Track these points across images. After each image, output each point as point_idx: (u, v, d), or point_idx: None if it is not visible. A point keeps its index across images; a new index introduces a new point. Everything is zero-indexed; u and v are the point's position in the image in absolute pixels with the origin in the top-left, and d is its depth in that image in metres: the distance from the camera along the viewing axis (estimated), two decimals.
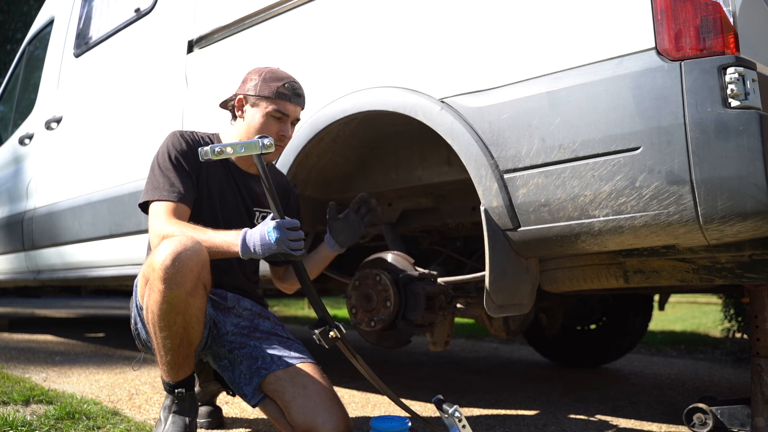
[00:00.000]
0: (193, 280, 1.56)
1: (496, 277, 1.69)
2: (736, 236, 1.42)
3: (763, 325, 1.78)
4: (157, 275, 1.54)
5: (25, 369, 2.96)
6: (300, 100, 1.84)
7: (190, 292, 1.57)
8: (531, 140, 1.58)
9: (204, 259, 1.59)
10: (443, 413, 1.63)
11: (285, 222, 1.57)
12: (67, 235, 3.32)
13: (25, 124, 4.04)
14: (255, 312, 1.90)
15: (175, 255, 1.53)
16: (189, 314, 1.59)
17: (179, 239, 1.57)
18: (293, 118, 1.84)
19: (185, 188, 1.75)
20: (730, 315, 4.54)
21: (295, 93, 1.82)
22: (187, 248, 1.55)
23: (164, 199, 1.73)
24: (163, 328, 1.58)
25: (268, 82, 1.80)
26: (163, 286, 1.54)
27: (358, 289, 2.00)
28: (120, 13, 3.16)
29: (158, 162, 1.78)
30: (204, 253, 1.59)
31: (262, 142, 1.59)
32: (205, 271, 1.61)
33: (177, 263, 1.53)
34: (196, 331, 1.64)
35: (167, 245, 1.56)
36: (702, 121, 1.36)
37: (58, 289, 7.99)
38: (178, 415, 1.67)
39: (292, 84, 1.82)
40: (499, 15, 1.69)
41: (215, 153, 1.56)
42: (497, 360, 3.98)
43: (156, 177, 1.76)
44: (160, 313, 1.57)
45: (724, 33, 1.41)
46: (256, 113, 1.81)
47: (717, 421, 1.82)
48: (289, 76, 1.84)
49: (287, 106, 1.81)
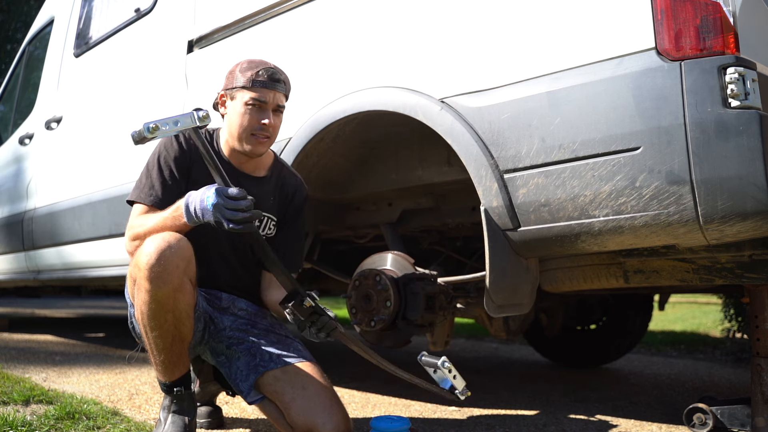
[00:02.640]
0: (179, 276, 1.57)
1: (496, 277, 1.69)
2: (736, 236, 1.42)
3: (763, 325, 1.78)
4: (143, 275, 1.55)
5: (25, 369, 2.96)
6: (279, 85, 1.75)
7: (177, 288, 1.58)
8: (531, 140, 1.58)
9: (188, 254, 1.60)
10: (430, 368, 1.61)
11: (225, 189, 1.51)
12: (67, 235, 3.32)
13: (25, 124, 4.04)
14: (251, 312, 1.90)
15: (159, 253, 1.54)
16: (178, 310, 1.60)
17: (162, 236, 1.58)
18: (274, 104, 1.75)
19: (164, 193, 1.74)
20: (730, 315, 4.54)
21: (272, 78, 1.73)
22: (170, 245, 1.56)
23: (141, 201, 1.75)
24: (154, 327, 1.59)
25: (244, 71, 1.74)
26: (150, 285, 1.55)
27: (358, 289, 2.00)
28: (120, 13, 3.16)
29: (148, 163, 1.79)
30: (188, 248, 1.60)
31: (197, 114, 1.54)
32: (190, 266, 1.62)
33: (162, 261, 1.54)
34: (186, 326, 1.64)
35: (150, 244, 1.56)
36: (702, 121, 1.36)
37: (58, 289, 7.99)
38: (178, 415, 1.67)
39: (267, 69, 1.74)
40: (499, 15, 1.69)
41: (150, 131, 1.49)
42: (497, 360, 3.98)
43: (142, 177, 1.78)
44: (149, 312, 1.58)
45: (724, 33, 1.41)
46: (236, 105, 1.75)
47: (717, 421, 1.82)
48: (265, 62, 1.77)
49: (265, 93, 1.73)
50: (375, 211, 2.39)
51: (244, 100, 1.73)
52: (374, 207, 2.39)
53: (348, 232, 2.57)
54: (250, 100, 1.73)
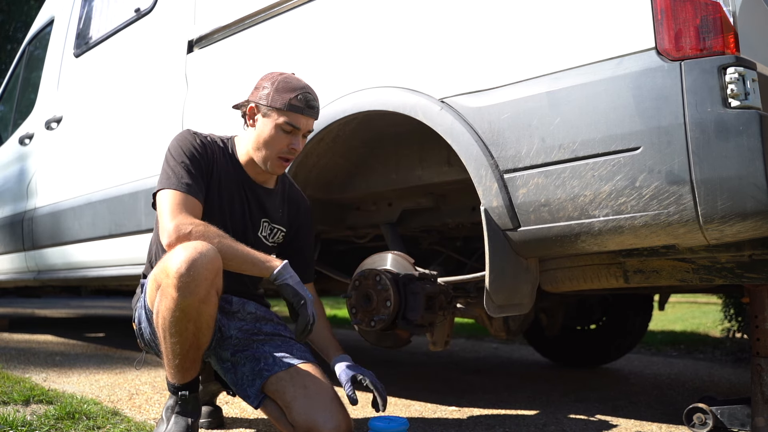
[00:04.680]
0: (206, 288, 1.54)
1: (496, 277, 1.69)
2: (736, 236, 1.42)
3: (763, 325, 1.78)
4: (171, 282, 1.52)
5: (25, 369, 2.96)
6: (313, 112, 1.76)
7: (203, 299, 1.55)
8: (531, 140, 1.58)
9: (218, 266, 1.57)
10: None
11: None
12: (68, 235, 3.33)
13: (25, 124, 4.04)
14: (258, 315, 1.90)
15: (191, 262, 1.50)
16: (201, 321, 1.58)
17: (194, 245, 1.54)
18: (305, 130, 1.76)
19: (194, 182, 1.70)
20: (730, 315, 4.54)
21: (309, 105, 1.73)
22: (202, 254, 1.52)
23: (174, 188, 1.67)
24: (174, 334, 1.57)
25: (281, 92, 1.72)
26: (177, 293, 1.52)
27: (358, 289, 2.00)
28: (120, 13, 3.16)
29: (170, 156, 1.74)
30: (217, 260, 1.56)
31: None
32: (218, 278, 1.58)
33: (192, 271, 1.50)
34: (206, 336, 1.63)
35: (182, 251, 1.53)
36: (702, 121, 1.36)
37: (58, 289, 8.00)
38: (181, 416, 1.67)
39: (306, 95, 1.72)
40: (499, 15, 1.69)
41: None
42: (497, 360, 3.98)
43: (167, 169, 1.72)
44: (172, 320, 1.55)
45: (724, 33, 1.41)
46: (267, 124, 1.74)
47: (717, 421, 1.82)
48: (304, 86, 1.74)
49: (299, 119, 1.73)
50: (375, 211, 2.39)
51: (278, 122, 1.73)
52: (374, 207, 2.39)
53: (348, 232, 2.57)
54: (284, 124, 1.72)
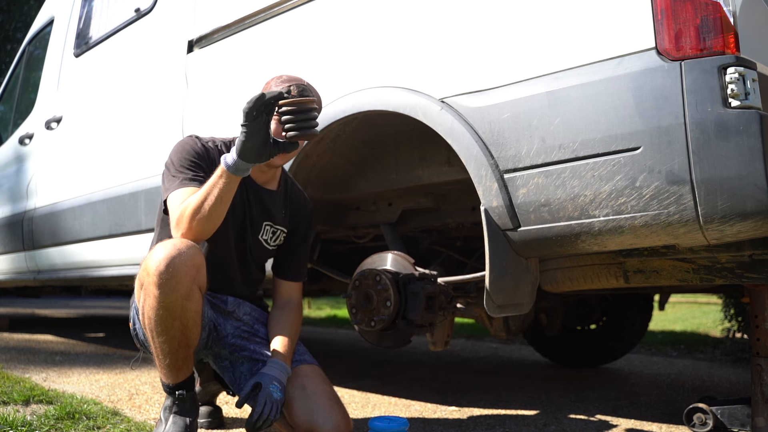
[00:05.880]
0: (188, 284, 1.55)
1: (496, 277, 1.69)
2: (736, 236, 1.42)
3: (763, 325, 1.78)
4: (151, 280, 1.53)
5: (25, 369, 2.96)
6: None
7: (186, 296, 1.56)
8: (531, 140, 1.58)
9: (198, 262, 1.58)
10: None
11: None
12: (68, 235, 3.32)
13: (25, 124, 4.04)
14: (255, 317, 1.90)
15: (169, 260, 1.51)
16: (186, 318, 1.58)
17: (173, 243, 1.55)
18: None
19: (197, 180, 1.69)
20: (730, 315, 4.54)
21: (302, 94, 1.74)
22: (181, 252, 1.53)
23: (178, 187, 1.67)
24: (160, 332, 1.57)
25: (278, 85, 1.74)
26: (158, 291, 1.52)
27: (358, 289, 2.00)
28: (120, 13, 3.16)
29: (171, 162, 1.74)
30: (198, 256, 1.58)
31: None
32: (200, 274, 1.59)
33: (171, 268, 1.51)
34: (194, 333, 1.63)
35: (161, 249, 1.54)
36: (702, 121, 1.36)
37: (58, 289, 8.01)
38: (179, 416, 1.67)
39: (298, 85, 1.74)
40: (499, 15, 1.69)
41: None
42: (497, 360, 3.98)
43: (170, 173, 1.71)
44: (156, 318, 1.55)
45: (724, 33, 1.40)
46: None
47: (717, 421, 1.82)
48: (296, 78, 1.77)
49: None
50: (375, 211, 2.39)
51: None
52: (374, 207, 2.39)
53: (348, 232, 2.57)
54: None
